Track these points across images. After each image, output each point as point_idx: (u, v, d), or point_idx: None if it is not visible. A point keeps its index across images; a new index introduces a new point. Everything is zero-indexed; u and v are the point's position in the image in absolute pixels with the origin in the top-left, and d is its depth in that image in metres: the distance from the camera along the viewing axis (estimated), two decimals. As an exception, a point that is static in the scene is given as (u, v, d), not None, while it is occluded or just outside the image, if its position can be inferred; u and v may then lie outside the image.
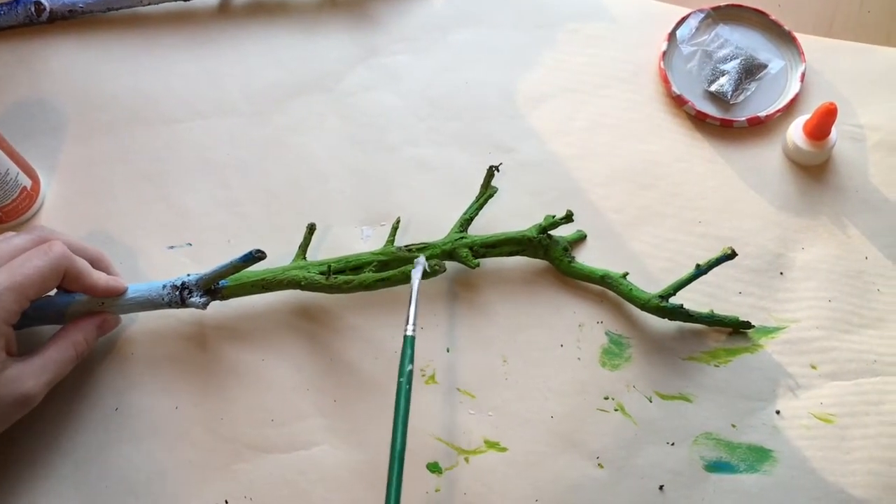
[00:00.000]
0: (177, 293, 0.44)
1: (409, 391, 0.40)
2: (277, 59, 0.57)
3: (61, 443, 0.44)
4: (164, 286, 0.44)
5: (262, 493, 0.43)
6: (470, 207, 0.49)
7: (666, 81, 0.55)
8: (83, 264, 0.42)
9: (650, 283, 0.47)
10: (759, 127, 0.54)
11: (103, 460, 0.44)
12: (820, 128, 0.50)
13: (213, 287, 0.45)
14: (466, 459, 0.44)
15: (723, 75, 0.54)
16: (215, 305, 0.46)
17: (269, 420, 0.45)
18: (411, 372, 0.40)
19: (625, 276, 0.47)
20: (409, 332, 0.41)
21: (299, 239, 0.48)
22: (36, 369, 0.40)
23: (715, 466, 0.44)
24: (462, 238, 0.47)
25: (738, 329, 0.47)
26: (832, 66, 0.56)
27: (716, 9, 0.57)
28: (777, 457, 0.44)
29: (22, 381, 0.39)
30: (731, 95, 0.54)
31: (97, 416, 0.45)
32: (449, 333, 0.47)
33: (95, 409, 0.45)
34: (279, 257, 0.47)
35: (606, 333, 0.47)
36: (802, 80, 0.54)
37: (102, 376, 0.46)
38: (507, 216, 0.50)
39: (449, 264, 0.48)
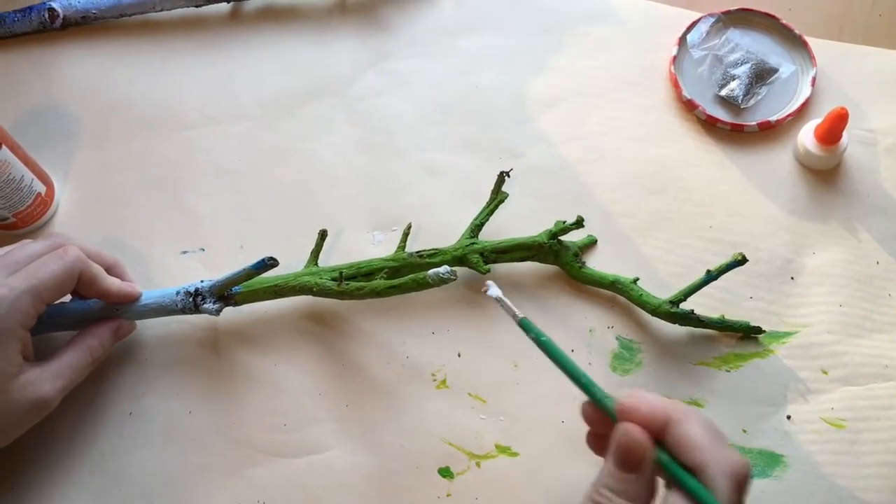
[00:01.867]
0: (190, 299, 0.44)
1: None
2: (288, 65, 0.57)
3: (76, 447, 0.45)
4: (178, 292, 0.45)
5: (274, 497, 0.44)
6: (480, 213, 0.49)
7: (676, 86, 0.55)
8: (98, 269, 0.43)
9: (661, 289, 0.47)
10: (769, 131, 0.53)
11: (117, 464, 0.44)
12: (831, 132, 0.50)
13: (226, 293, 0.45)
14: (478, 464, 0.44)
15: (733, 80, 0.54)
16: (228, 311, 0.46)
17: (282, 424, 0.45)
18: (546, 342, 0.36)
19: (635, 281, 0.47)
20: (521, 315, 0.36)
21: (311, 244, 0.48)
22: (52, 374, 0.41)
23: (726, 472, 0.44)
24: (473, 244, 0.48)
25: (748, 334, 0.47)
26: (843, 70, 0.55)
27: (726, 13, 0.56)
28: (788, 462, 0.44)
29: (38, 386, 0.40)
30: (742, 100, 0.54)
31: (111, 421, 0.45)
32: (460, 338, 0.47)
33: (110, 413, 0.46)
34: (291, 262, 0.47)
35: (617, 338, 0.47)
36: (813, 85, 0.54)
37: (117, 381, 0.46)
38: (517, 221, 0.50)
39: (460, 270, 0.48)
